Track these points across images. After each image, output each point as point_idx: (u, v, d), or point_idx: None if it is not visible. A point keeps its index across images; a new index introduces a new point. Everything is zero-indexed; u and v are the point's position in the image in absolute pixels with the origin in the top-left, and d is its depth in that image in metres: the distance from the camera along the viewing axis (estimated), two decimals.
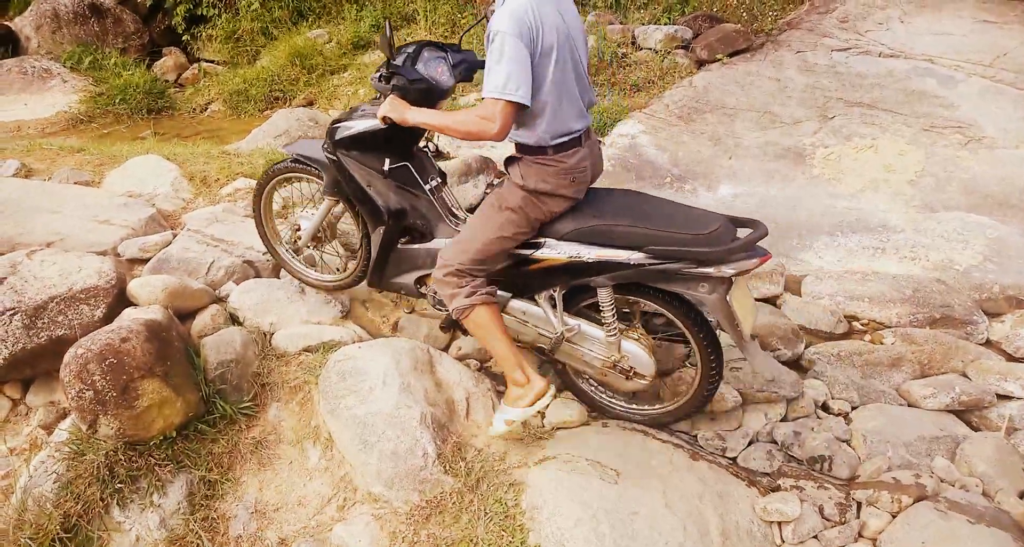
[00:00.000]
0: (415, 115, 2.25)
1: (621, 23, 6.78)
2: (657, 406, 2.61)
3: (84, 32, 7.79)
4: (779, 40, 6.28)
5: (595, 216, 2.22)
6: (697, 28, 6.43)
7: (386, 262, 2.74)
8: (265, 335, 2.99)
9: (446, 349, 3.09)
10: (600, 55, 6.22)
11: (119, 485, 2.31)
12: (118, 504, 2.30)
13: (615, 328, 2.35)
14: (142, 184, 4.24)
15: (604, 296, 2.31)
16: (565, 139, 2.16)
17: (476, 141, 2.28)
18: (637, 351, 2.38)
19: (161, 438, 2.42)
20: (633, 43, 6.47)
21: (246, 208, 3.87)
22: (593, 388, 2.69)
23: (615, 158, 4.96)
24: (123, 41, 8.12)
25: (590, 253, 2.23)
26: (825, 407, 2.91)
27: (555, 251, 2.28)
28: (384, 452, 2.37)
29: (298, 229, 3.03)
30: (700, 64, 6.14)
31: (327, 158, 2.70)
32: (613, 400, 2.68)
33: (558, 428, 2.59)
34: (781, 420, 2.76)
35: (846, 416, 2.87)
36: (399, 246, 2.72)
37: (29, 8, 7.81)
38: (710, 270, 2.07)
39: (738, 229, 2.16)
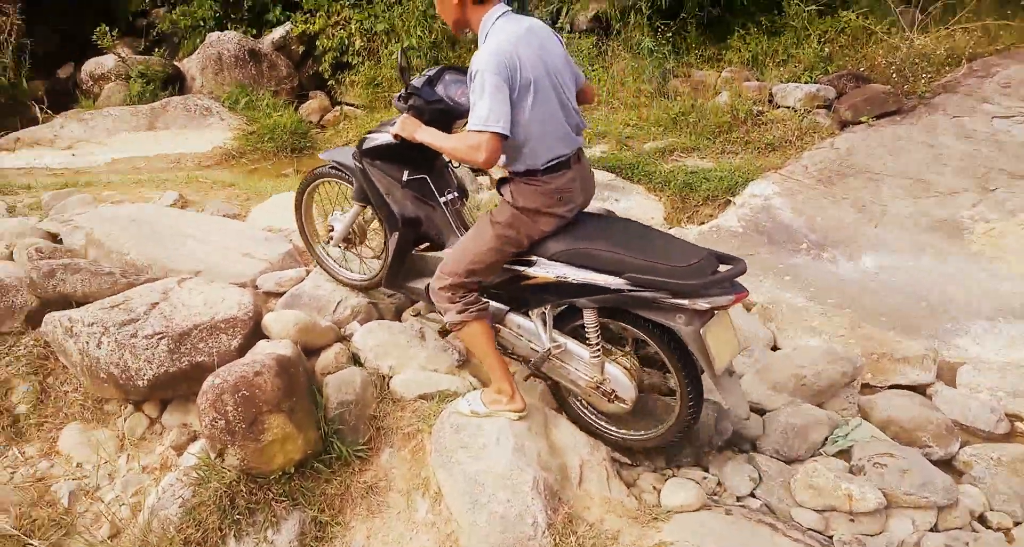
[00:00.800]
0: (423, 134, 2.41)
1: (758, 80, 6.64)
2: (639, 432, 2.64)
3: (243, 75, 8.54)
4: (933, 103, 5.92)
5: (584, 239, 2.34)
6: (841, 87, 6.19)
7: (400, 266, 2.95)
8: (384, 378, 3.04)
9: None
10: (734, 112, 6.10)
11: (238, 516, 2.39)
12: (235, 536, 2.37)
13: (599, 350, 2.45)
14: (282, 220, 4.51)
15: (589, 318, 2.41)
16: (553, 163, 2.32)
17: (474, 165, 2.33)
18: (619, 375, 2.46)
19: (280, 473, 2.50)
20: (770, 101, 6.32)
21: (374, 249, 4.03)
22: (580, 406, 2.77)
23: (746, 219, 4.79)
24: (276, 84, 8.82)
25: (576, 275, 2.33)
26: (982, 520, 2.60)
27: (544, 270, 2.41)
28: (493, 515, 2.32)
29: (331, 230, 3.26)
30: (843, 125, 5.89)
31: (355, 166, 2.96)
32: (599, 421, 2.73)
33: (675, 512, 2.44)
34: (931, 530, 2.48)
35: (1007, 532, 2.54)
36: (414, 252, 2.93)
37: (197, 51, 8.68)
38: (684, 302, 2.15)
39: (720, 265, 2.23)
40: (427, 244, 2.97)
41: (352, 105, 8.88)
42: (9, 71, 8.17)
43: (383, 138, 2.75)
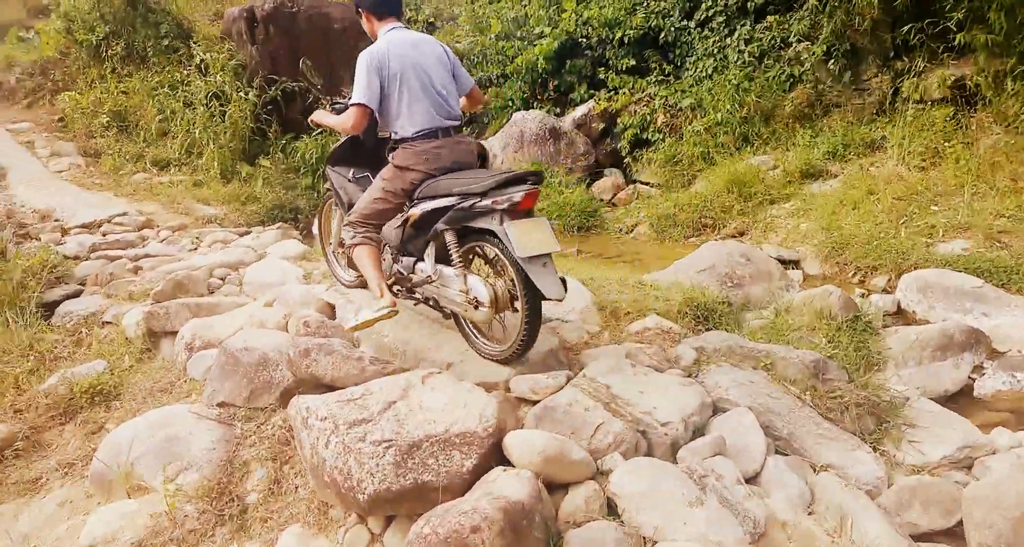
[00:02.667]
0: (318, 117, 3.56)
1: None
2: (499, 348, 3.16)
3: (541, 152, 8.68)
4: None
5: (436, 183, 3.15)
6: None
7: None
8: (645, 543, 2.30)
9: None
10: None
11: None
12: None
13: (460, 264, 3.08)
14: (553, 306, 4.06)
15: (449, 238, 3.10)
16: (423, 132, 3.17)
17: (344, 133, 3.48)
18: (477, 283, 3.03)
19: None
20: None
21: (652, 354, 3.33)
22: (470, 330, 3.30)
23: None
24: (572, 161, 8.81)
25: (428, 205, 3.13)
26: None
27: (415, 208, 3.21)
28: None
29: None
30: None
31: (326, 172, 3.93)
32: (480, 340, 3.28)
33: None
34: None
35: None
36: None
37: (502, 129, 9.06)
38: (488, 202, 2.88)
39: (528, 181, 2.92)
40: None
41: (647, 183, 8.47)
42: None
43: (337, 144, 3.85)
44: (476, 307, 3.00)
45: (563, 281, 2.89)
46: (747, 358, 3.28)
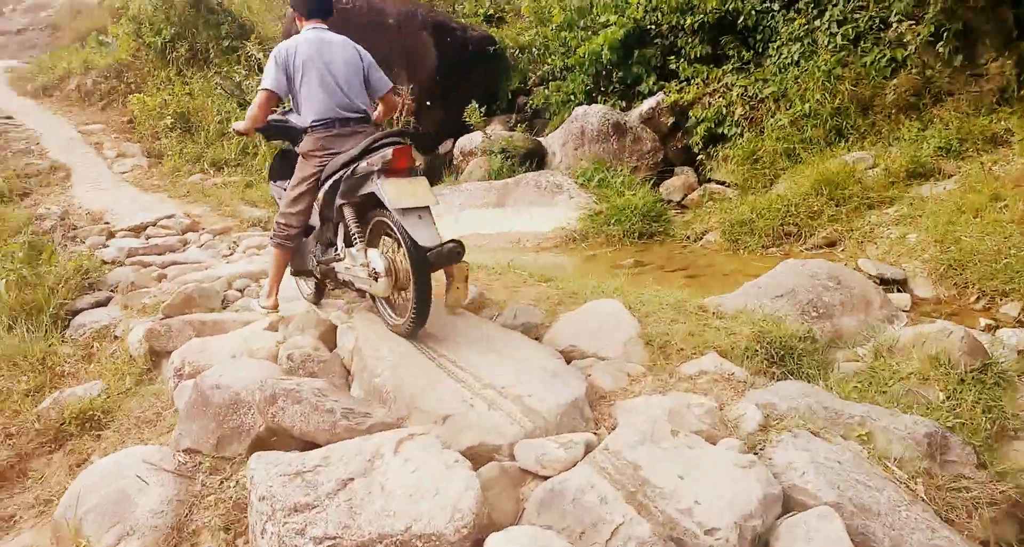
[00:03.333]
0: (236, 125, 3.74)
1: None
2: (400, 320, 3.20)
3: (603, 149, 7.90)
4: None
5: (331, 163, 3.41)
6: None
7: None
8: None
9: None
10: None
11: None
12: None
13: (360, 238, 3.25)
14: (590, 339, 3.35)
15: (347, 213, 3.30)
16: (321, 122, 3.47)
17: (251, 122, 3.60)
18: (376, 256, 3.10)
19: None
20: None
21: (704, 414, 2.56)
22: (381, 307, 3.34)
23: None
24: (637, 159, 7.99)
25: (327, 184, 3.39)
26: None
27: (321, 190, 3.47)
28: None
29: None
30: None
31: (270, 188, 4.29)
32: (387, 313, 3.32)
33: None
34: None
35: None
36: None
37: (561, 126, 8.34)
38: (365, 163, 3.07)
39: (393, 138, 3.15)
40: None
41: (722, 183, 7.55)
42: None
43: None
44: (376, 279, 3.07)
45: (457, 243, 2.96)
46: (834, 424, 2.47)
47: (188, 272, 5.48)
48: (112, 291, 5.74)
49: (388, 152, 2.94)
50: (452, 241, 2.94)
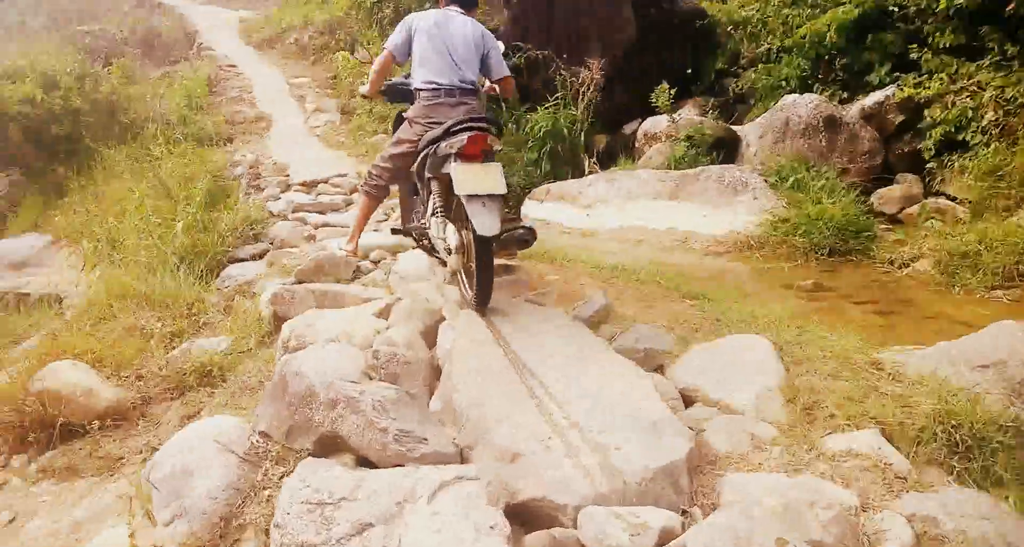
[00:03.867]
0: (362, 88, 4.38)
1: None
2: (470, 294, 3.32)
3: (807, 146, 6.97)
4: None
5: (426, 135, 3.62)
6: None
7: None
8: None
9: None
10: None
11: None
12: None
13: (440, 211, 3.44)
14: (719, 382, 2.86)
15: (433, 187, 3.51)
16: (430, 87, 3.73)
17: (374, 76, 4.08)
18: (451, 232, 3.32)
19: None
20: None
21: (831, 521, 2.00)
22: (460, 280, 3.46)
23: None
24: (848, 161, 6.97)
25: (420, 155, 3.62)
26: None
27: (416, 159, 3.72)
28: None
29: None
30: None
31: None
32: (464, 288, 3.45)
33: None
34: None
35: None
36: None
37: (763, 115, 7.48)
38: (444, 145, 3.25)
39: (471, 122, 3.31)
40: None
41: (952, 199, 6.36)
42: (580, 123, 8.46)
43: None
44: (450, 253, 3.28)
45: (529, 230, 3.39)
46: None
47: (334, 237, 5.59)
48: (270, 244, 6.04)
49: (464, 137, 3.14)
50: (522, 227, 3.39)
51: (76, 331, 4.55)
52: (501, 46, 4.06)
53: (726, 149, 7.41)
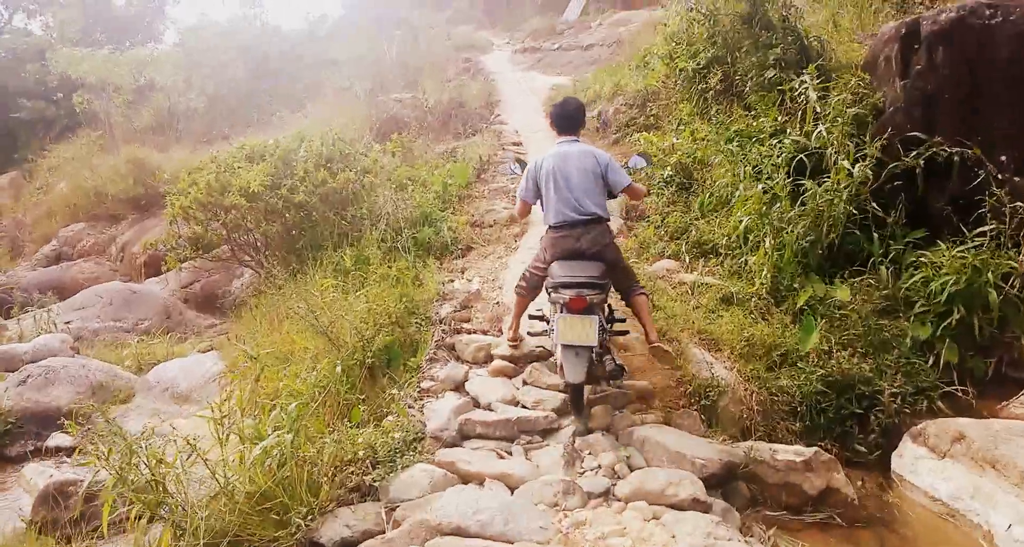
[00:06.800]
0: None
1: None
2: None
3: None
4: None
5: (559, 266, 4.75)
6: None
7: None
8: None
9: None
10: None
11: None
12: None
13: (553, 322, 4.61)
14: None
15: (548, 310, 5.06)
16: (556, 223, 4.87)
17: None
18: (559, 352, 4.45)
19: None
20: None
21: None
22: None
23: None
24: None
25: (548, 282, 4.81)
26: None
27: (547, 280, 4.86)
28: None
29: None
30: None
31: None
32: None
33: None
34: None
35: None
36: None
37: None
38: (554, 295, 4.58)
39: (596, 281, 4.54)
40: None
41: None
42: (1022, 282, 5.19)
43: None
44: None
45: (618, 368, 4.56)
46: None
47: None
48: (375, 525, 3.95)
49: (567, 296, 4.40)
50: (616, 365, 4.53)
51: None
52: (613, 161, 5.06)
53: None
